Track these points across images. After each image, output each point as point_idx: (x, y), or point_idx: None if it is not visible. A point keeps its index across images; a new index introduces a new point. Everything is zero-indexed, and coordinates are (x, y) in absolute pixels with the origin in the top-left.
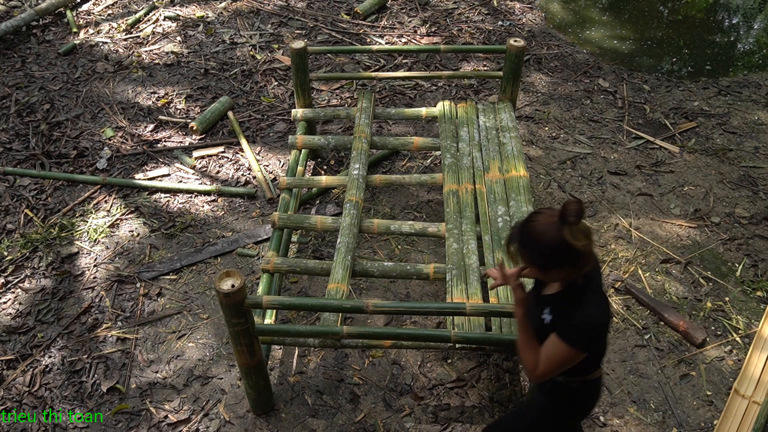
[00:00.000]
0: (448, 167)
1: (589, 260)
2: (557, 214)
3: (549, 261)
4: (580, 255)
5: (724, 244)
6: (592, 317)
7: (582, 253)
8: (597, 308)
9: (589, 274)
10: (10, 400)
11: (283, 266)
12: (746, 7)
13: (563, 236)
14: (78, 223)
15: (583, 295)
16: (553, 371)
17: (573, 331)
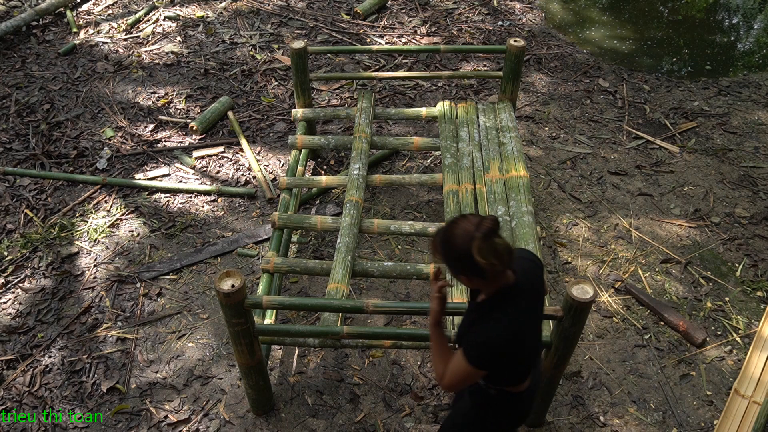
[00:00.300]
0: (448, 167)
1: (497, 278)
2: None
3: (455, 267)
4: (484, 271)
5: (724, 244)
6: (486, 336)
7: (485, 270)
8: (495, 327)
9: (508, 292)
10: (10, 400)
11: (283, 266)
12: (746, 7)
13: (470, 248)
14: (78, 223)
15: (492, 311)
16: (457, 384)
17: (471, 348)
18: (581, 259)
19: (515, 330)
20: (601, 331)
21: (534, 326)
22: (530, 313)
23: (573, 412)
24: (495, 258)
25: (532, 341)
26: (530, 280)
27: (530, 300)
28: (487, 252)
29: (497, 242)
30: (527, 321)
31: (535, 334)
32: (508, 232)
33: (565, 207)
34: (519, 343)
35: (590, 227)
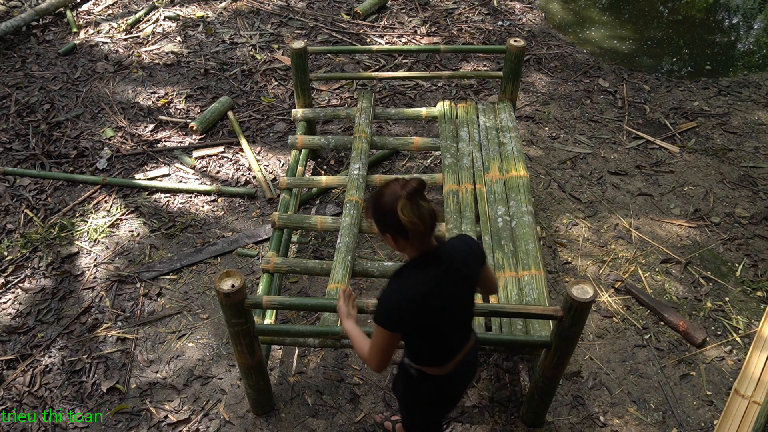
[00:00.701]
0: (448, 167)
1: (419, 241)
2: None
3: (382, 225)
4: (407, 230)
5: (724, 244)
6: (391, 295)
7: (408, 230)
8: (401, 286)
9: (426, 258)
10: (10, 400)
11: (283, 266)
12: (746, 7)
13: (395, 206)
14: (78, 223)
15: (404, 272)
16: (379, 355)
17: (377, 308)
18: (581, 259)
19: (423, 292)
20: (601, 331)
21: (454, 306)
22: (447, 287)
23: (573, 412)
24: (417, 218)
25: (450, 319)
26: (457, 261)
27: (450, 277)
28: (410, 211)
29: (422, 204)
30: (440, 292)
31: (455, 316)
32: (508, 232)
33: (565, 207)
34: (426, 306)
35: (590, 227)
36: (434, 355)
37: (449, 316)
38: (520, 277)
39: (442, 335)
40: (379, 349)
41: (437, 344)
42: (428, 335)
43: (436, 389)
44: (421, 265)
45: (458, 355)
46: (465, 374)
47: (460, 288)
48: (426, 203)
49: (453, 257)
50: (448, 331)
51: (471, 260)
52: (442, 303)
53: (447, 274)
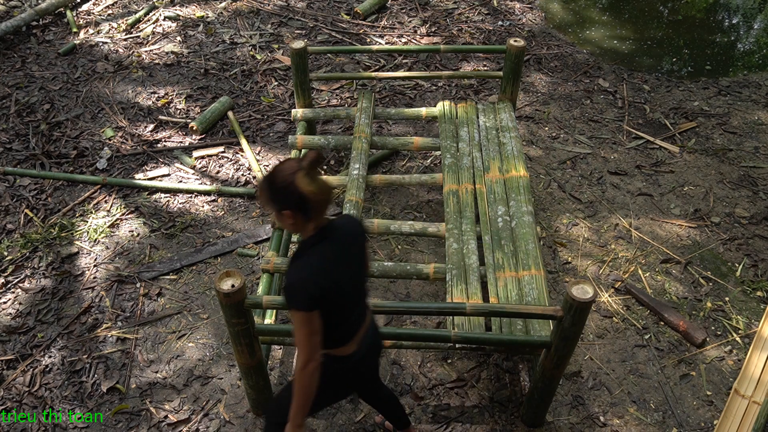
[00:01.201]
0: (448, 167)
1: (319, 211)
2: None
3: (279, 202)
4: (306, 201)
5: (724, 244)
6: (292, 276)
7: (308, 199)
8: (301, 265)
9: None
10: (10, 400)
11: (283, 266)
12: (746, 7)
13: (294, 179)
14: (78, 223)
15: (304, 251)
16: (306, 343)
17: (286, 293)
18: (581, 259)
19: (325, 267)
20: (601, 331)
21: (351, 282)
22: (343, 263)
23: (573, 412)
24: (318, 188)
25: (348, 296)
26: (349, 237)
27: (345, 253)
28: (310, 180)
29: (315, 178)
30: (338, 267)
31: (352, 293)
32: (508, 232)
33: (565, 207)
34: (329, 281)
35: (590, 227)
36: (337, 335)
37: (348, 292)
38: (520, 277)
39: (342, 313)
40: (306, 335)
41: (338, 323)
42: (331, 314)
43: (344, 370)
44: (318, 242)
45: (359, 334)
46: (369, 353)
47: (354, 264)
48: (322, 177)
49: (345, 233)
50: (349, 308)
51: (360, 238)
52: (341, 278)
53: (342, 250)
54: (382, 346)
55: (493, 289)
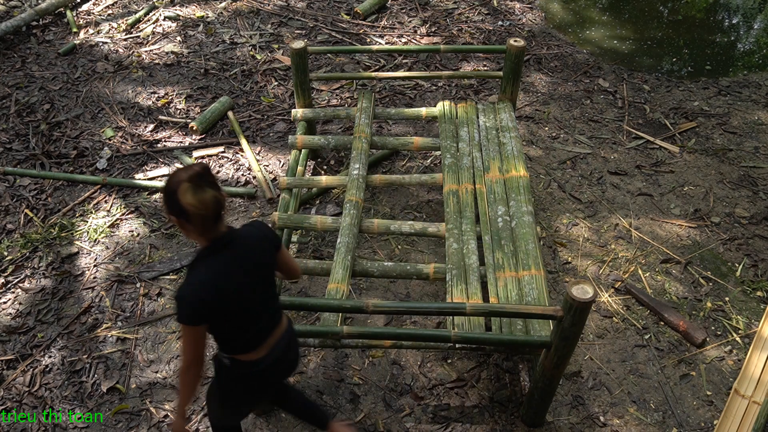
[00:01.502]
0: (448, 167)
1: (204, 228)
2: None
3: (168, 208)
4: (186, 213)
5: (724, 244)
6: (184, 289)
7: (187, 212)
8: (193, 279)
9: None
10: (10, 400)
11: None
12: (746, 7)
13: (177, 189)
14: (78, 223)
15: (196, 263)
16: (189, 350)
17: (175, 305)
18: (581, 259)
19: (214, 280)
20: (601, 331)
21: (250, 291)
22: (240, 272)
23: (573, 412)
24: (198, 202)
25: (248, 304)
26: (250, 246)
27: (243, 262)
28: (191, 195)
29: (205, 190)
30: (233, 277)
31: (254, 300)
32: (508, 232)
33: (565, 207)
34: (219, 293)
35: (590, 227)
36: (242, 341)
37: (247, 300)
38: (520, 277)
39: (245, 320)
40: (188, 345)
41: (242, 330)
42: (230, 322)
43: (251, 375)
44: (211, 254)
45: (270, 339)
46: (282, 358)
47: (254, 272)
48: (212, 190)
49: (245, 243)
50: (250, 316)
51: (265, 245)
52: (236, 288)
53: (239, 260)
54: (297, 351)
55: (493, 289)
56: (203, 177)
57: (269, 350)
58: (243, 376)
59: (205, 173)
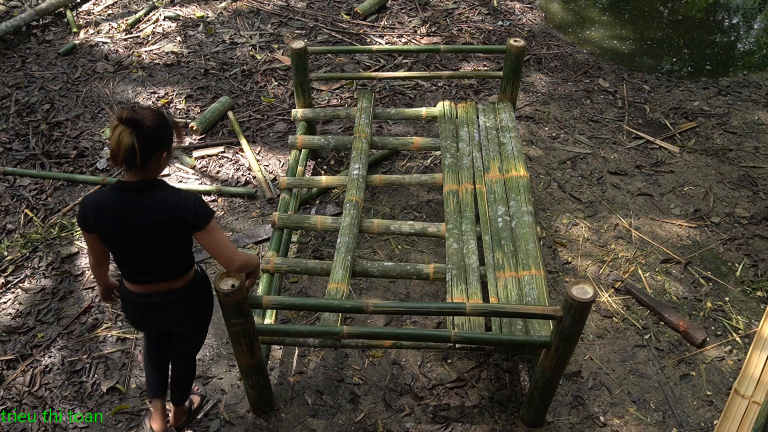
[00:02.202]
0: (448, 167)
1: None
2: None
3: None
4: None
5: (724, 244)
6: (86, 197)
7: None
8: (94, 192)
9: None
10: (10, 400)
11: (283, 266)
12: (746, 7)
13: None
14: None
15: (107, 186)
16: (88, 251)
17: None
18: (581, 259)
19: (95, 204)
20: (601, 331)
21: (131, 238)
22: (127, 216)
23: (573, 412)
24: (113, 141)
25: (122, 246)
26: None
27: (137, 211)
28: (111, 132)
29: (121, 131)
30: (114, 215)
31: (132, 247)
32: (508, 232)
33: (565, 207)
34: (93, 218)
35: (590, 227)
36: (122, 269)
37: (122, 241)
38: (520, 277)
39: (120, 255)
40: (87, 246)
41: (119, 261)
42: (108, 247)
43: (125, 300)
44: (117, 187)
45: (147, 286)
46: (150, 308)
47: (141, 227)
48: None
49: (152, 200)
50: (125, 256)
51: (167, 216)
52: (111, 225)
53: (132, 206)
54: (168, 316)
55: (493, 289)
56: (129, 121)
57: (142, 294)
58: (122, 296)
59: (130, 115)
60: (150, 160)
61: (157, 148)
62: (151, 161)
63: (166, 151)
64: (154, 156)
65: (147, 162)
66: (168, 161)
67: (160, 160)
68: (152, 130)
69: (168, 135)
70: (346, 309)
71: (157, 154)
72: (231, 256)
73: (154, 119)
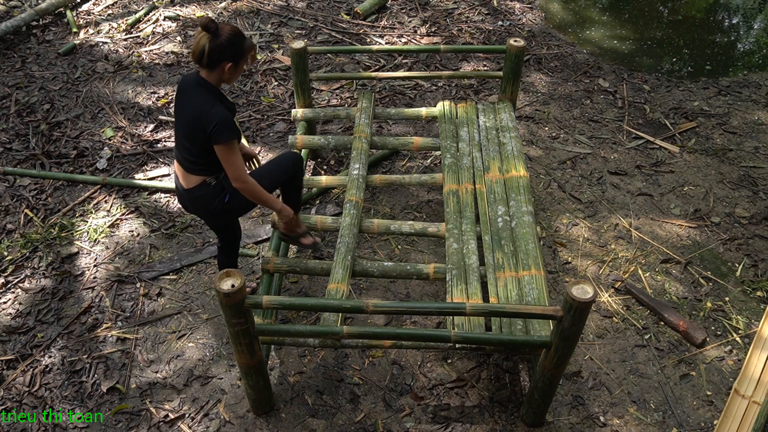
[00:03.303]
0: (448, 167)
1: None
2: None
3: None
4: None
5: (724, 244)
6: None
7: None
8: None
9: (185, 77)
10: (10, 400)
11: (283, 266)
12: (746, 7)
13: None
14: (78, 223)
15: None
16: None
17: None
18: (581, 259)
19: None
20: (601, 331)
21: (177, 124)
22: (178, 103)
23: (573, 412)
24: (193, 44)
25: (175, 131)
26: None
27: (183, 101)
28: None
29: (201, 34)
30: (178, 102)
31: (176, 131)
32: (508, 232)
33: (565, 207)
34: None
35: (590, 227)
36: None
37: (174, 115)
38: (520, 277)
39: (174, 127)
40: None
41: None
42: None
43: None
44: (191, 74)
45: (174, 165)
46: (178, 191)
47: (182, 113)
48: (205, 41)
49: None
50: (175, 127)
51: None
52: (174, 99)
53: (185, 93)
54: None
55: (493, 289)
56: (210, 29)
57: (175, 173)
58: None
59: (216, 30)
60: (216, 66)
61: (224, 58)
62: (217, 67)
63: (231, 62)
64: (220, 64)
65: (213, 66)
66: (234, 76)
67: (225, 69)
68: (224, 41)
69: (237, 50)
70: (346, 309)
71: (223, 63)
72: (236, 176)
73: (230, 33)
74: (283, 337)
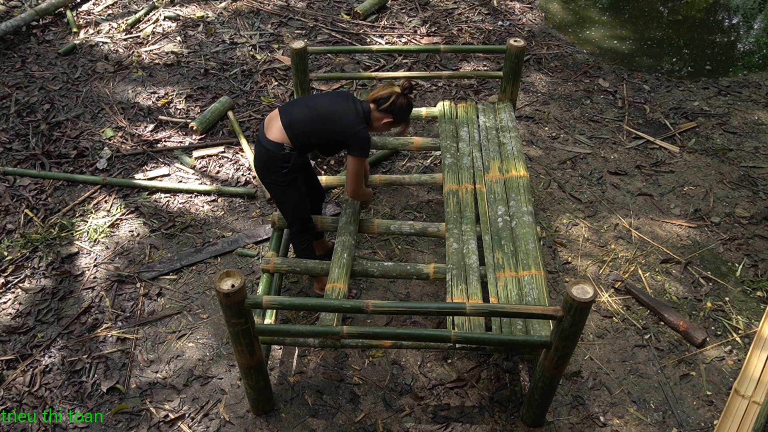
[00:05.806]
0: (448, 167)
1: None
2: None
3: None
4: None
5: (724, 244)
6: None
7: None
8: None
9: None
10: (10, 400)
11: (283, 266)
12: (746, 7)
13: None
14: (78, 223)
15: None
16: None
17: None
18: (581, 259)
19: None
20: (601, 331)
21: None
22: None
23: (573, 412)
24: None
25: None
26: (345, 102)
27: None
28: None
29: (395, 87)
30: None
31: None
32: (508, 232)
33: (565, 207)
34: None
35: (590, 227)
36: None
37: (308, 99)
38: (520, 277)
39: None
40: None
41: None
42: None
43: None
44: (353, 96)
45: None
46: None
47: (327, 107)
48: (396, 93)
49: (345, 111)
50: (297, 106)
51: (340, 125)
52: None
53: (343, 97)
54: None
55: (493, 289)
56: (408, 89)
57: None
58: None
59: (395, 97)
60: (385, 112)
61: (393, 112)
62: (384, 113)
63: (393, 120)
64: (388, 113)
65: (384, 110)
66: (382, 128)
67: (384, 118)
68: (406, 103)
69: (404, 117)
70: (346, 309)
71: (390, 114)
72: (350, 188)
73: (410, 103)
74: (283, 337)
